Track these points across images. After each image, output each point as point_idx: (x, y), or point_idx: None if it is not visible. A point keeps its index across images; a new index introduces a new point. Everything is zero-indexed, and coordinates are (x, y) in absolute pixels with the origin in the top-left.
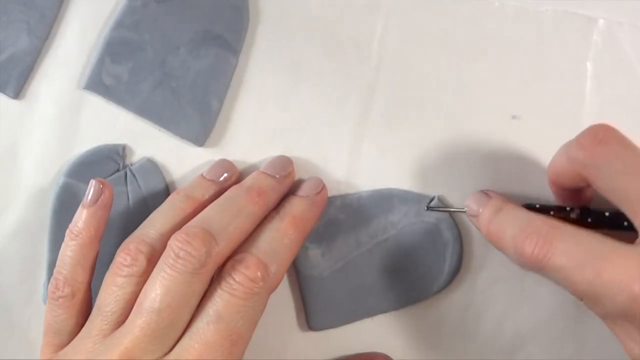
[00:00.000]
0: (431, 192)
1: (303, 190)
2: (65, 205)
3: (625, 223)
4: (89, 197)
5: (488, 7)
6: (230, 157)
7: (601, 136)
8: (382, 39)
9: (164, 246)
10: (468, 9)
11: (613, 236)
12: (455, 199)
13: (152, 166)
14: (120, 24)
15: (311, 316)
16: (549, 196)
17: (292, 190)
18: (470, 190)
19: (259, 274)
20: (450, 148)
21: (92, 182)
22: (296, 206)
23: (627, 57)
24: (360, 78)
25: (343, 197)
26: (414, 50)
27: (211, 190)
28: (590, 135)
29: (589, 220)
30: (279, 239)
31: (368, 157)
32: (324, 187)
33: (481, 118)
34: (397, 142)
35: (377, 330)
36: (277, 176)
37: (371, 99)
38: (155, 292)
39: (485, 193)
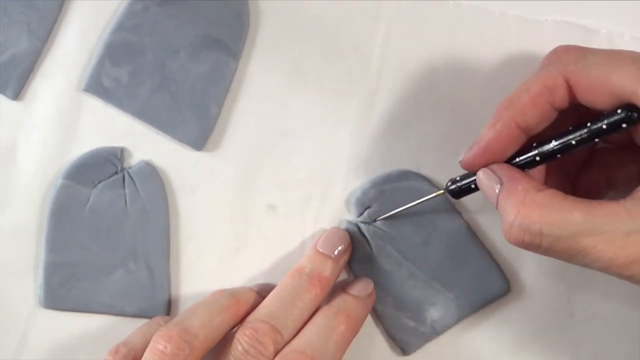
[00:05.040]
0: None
1: (355, 290)
2: (63, 207)
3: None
4: None
5: (489, 17)
6: (228, 162)
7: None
8: (384, 45)
9: (205, 337)
10: (469, 18)
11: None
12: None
13: (150, 169)
14: (120, 27)
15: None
16: None
17: (342, 285)
18: (468, 197)
19: None
20: (449, 155)
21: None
22: (350, 305)
23: None
24: (361, 84)
25: None
26: (415, 57)
27: (256, 299)
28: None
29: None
30: (331, 337)
31: (368, 163)
32: (373, 289)
33: (480, 126)
34: (397, 148)
35: None
36: (334, 254)
37: (372, 105)
38: None
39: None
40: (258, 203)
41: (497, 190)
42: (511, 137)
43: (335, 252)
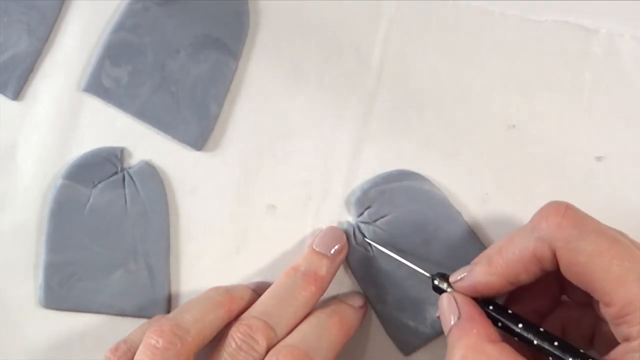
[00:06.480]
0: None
1: (350, 300)
2: (63, 207)
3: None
4: None
5: (489, 17)
6: (228, 162)
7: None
8: (384, 45)
9: (198, 333)
10: (469, 18)
11: None
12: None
13: (150, 169)
14: (120, 27)
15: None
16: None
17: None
18: (469, 197)
19: None
20: (449, 155)
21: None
22: (344, 310)
23: (626, 68)
24: (360, 84)
25: None
26: (415, 57)
27: (251, 296)
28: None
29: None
30: (324, 336)
31: (368, 163)
32: (366, 303)
33: (480, 126)
34: (397, 148)
35: None
36: (330, 253)
37: (371, 105)
38: None
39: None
40: (258, 203)
41: (452, 322)
42: (500, 287)
43: (332, 251)
